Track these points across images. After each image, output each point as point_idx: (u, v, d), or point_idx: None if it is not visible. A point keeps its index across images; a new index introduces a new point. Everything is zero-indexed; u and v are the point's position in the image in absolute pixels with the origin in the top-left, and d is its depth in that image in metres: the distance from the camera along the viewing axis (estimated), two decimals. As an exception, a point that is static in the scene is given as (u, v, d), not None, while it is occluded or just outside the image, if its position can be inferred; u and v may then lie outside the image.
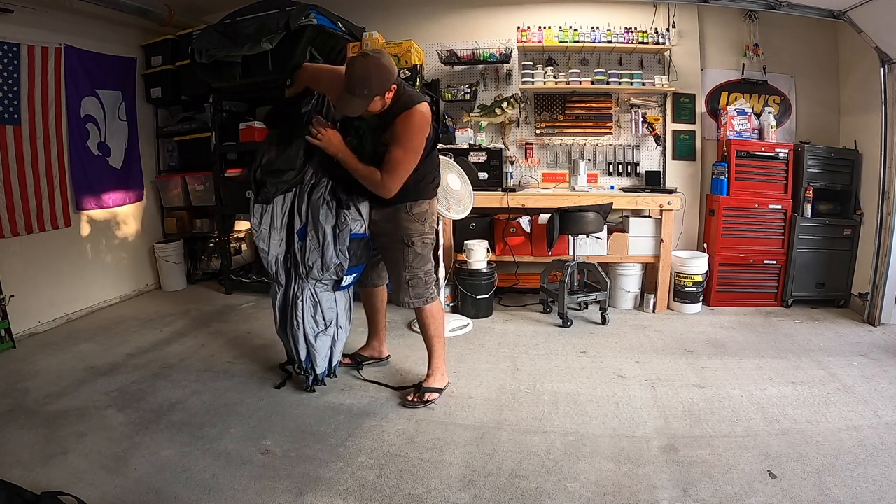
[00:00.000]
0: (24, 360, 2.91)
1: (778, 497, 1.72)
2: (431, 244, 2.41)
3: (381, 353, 2.82)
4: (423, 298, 2.40)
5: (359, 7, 4.11)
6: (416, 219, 2.33)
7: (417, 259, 2.36)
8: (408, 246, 2.34)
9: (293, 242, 2.37)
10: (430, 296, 2.41)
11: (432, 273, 2.44)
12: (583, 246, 3.64)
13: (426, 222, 2.37)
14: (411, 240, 2.33)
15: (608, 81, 3.99)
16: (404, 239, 2.34)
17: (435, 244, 2.49)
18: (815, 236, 3.75)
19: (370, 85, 2.03)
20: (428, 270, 2.40)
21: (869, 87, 3.54)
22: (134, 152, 4.17)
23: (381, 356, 2.82)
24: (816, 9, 3.43)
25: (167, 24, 4.00)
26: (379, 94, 2.08)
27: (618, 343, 3.16)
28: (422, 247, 2.36)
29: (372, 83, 2.03)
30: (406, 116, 2.13)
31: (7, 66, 3.14)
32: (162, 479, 1.84)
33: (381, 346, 2.82)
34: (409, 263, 2.36)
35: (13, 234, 3.23)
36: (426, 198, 2.36)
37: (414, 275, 2.37)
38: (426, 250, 2.38)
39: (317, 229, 2.32)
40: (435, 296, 2.44)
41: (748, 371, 2.72)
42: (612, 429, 2.17)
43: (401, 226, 2.33)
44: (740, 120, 3.88)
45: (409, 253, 2.35)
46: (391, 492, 1.77)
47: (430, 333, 2.46)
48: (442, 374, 2.49)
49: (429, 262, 2.40)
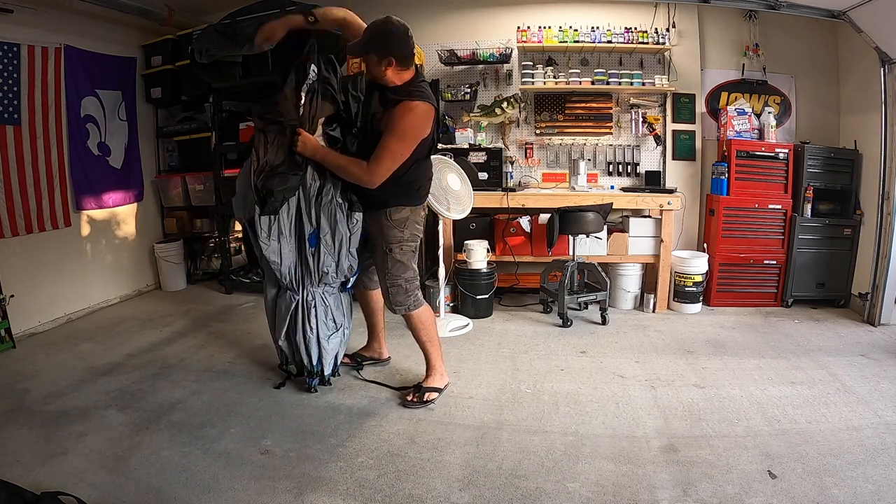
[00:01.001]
0: (24, 360, 2.91)
1: (778, 497, 1.72)
2: (413, 252, 2.36)
3: (381, 355, 2.82)
4: (405, 306, 2.36)
5: (359, 7, 4.08)
6: (395, 225, 2.30)
7: (396, 266, 2.33)
8: (387, 253, 2.32)
9: (304, 249, 2.34)
10: (411, 303, 2.36)
11: (415, 280, 2.38)
12: (583, 246, 3.64)
13: (405, 229, 2.32)
14: (390, 246, 2.31)
15: (608, 81, 3.99)
16: (384, 245, 2.33)
17: (417, 252, 2.41)
18: (815, 236, 3.75)
19: (369, 39, 2.12)
20: (409, 278, 2.35)
21: (869, 87, 3.54)
22: (134, 152, 4.17)
23: (382, 357, 2.82)
24: (816, 9, 3.43)
25: (167, 24, 3.99)
26: (375, 54, 2.12)
27: (618, 343, 3.16)
28: (400, 254, 2.32)
29: (371, 38, 2.12)
30: (407, 106, 2.12)
31: (7, 66, 3.14)
32: (162, 479, 1.84)
33: (381, 347, 2.82)
34: (388, 270, 2.34)
35: (13, 234, 3.23)
36: (408, 204, 2.32)
37: (393, 282, 2.34)
38: (406, 258, 2.34)
39: (333, 234, 2.32)
40: (419, 303, 2.38)
41: (748, 371, 2.72)
42: (612, 429, 2.17)
43: (382, 232, 2.32)
44: (740, 120, 3.88)
45: (388, 260, 2.33)
46: (391, 492, 1.77)
47: (420, 338, 2.44)
48: (441, 374, 2.49)
49: (409, 270, 2.36)
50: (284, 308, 2.42)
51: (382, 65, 2.13)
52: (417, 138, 2.17)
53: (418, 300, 2.39)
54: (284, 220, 2.31)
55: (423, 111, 2.14)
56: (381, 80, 2.19)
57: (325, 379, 2.50)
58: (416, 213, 2.36)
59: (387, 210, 2.29)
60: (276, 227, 2.30)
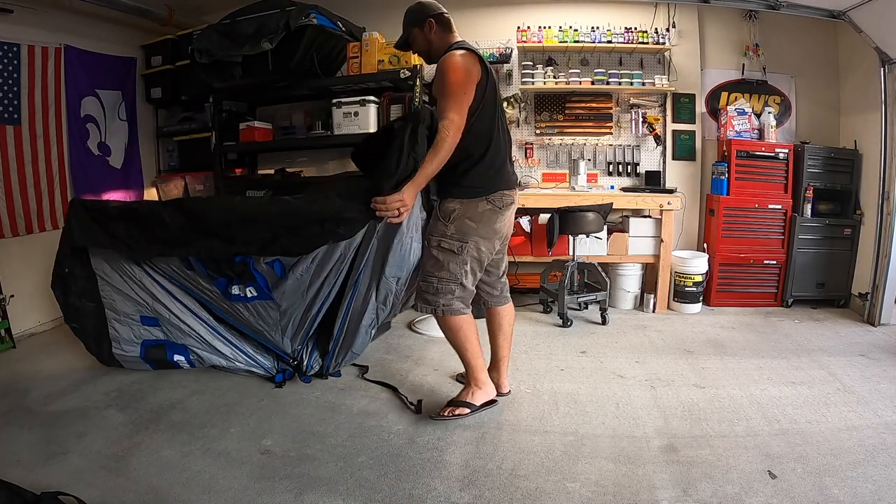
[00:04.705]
0: (24, 360, 2.91)
1: (778, 497, 1.71)
2: (454, 252, 2.09)
3: (499, 387, 2.39)
4: (431, 306, 2.15)
5: (359, 7, 4.10)
6: (441, 216, 2.11)
7: (431, 262, 2.14)
8: (427, 245, 2.18)
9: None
10: (440, 305, 2.12)
11: (450, 283, 2.11)
12: (583, 246, 3.64)
13: (450, 224, 2.09)
14: (430, 238, 2.15)
15: (608, 81, 3.99)
16: (427, 237, 2.20)
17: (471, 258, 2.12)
18: (815, 236, 3.75)
19: (406, 21, 2.19)
20: (443, 278, 2.11)
21: (869, 87, 3.54)
22: (134, 152, 4.17)
23: (500, 391, 2.40)
24: (816, 9, 3.43)
25: (167, 24, 3.99)
26: (416, 27, 2.16)
27: (618, 343, 3.16)
28: (438, 250, 2.11)
29: (407, 19, 2.18)
30: (441, 60, 2.03)
31: (7, 66, 3.14)
32: (162, 479, 1.84)
33: (500, 378, 2.41)
34: (424, 263, 2.21)
35: (13, 235, 3.23)
36: (458, 197, 2.09)
37: (425, 278, 2.16)
38: (445, 256, 2.09)
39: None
40: (453, 309, 2.14)
41: (748, 371, 2.72)
42: (612, 429, 2.17)
43: (432, 222, 2.18)
44: (740, 120, 3.88)
45: (425, 253, 2.20)
46: (391, 492, 1.77)
47: (454, 346, 2.23)
48: (477, 389, 2.23)
49: (444, 270, 2.11)
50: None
51: (425, 32, 2.15)
52: (464, 85, 1.97)
53: (451, 304, 2.13)
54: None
55: (460, 55, 2.00)
56: (434, 54, 2.15)
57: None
58: (469, 208, 2.09)
59: (440, 200, 2.16)
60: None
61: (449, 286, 2.12)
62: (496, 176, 2.11)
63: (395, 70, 3.30)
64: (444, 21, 2.16)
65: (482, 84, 2.02)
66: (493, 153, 2.10)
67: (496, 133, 2.12)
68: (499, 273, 2.37)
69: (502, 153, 2.16)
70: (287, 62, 3.29)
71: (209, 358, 2.61)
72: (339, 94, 3.54)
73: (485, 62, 2.06)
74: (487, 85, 2.05)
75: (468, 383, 2.27)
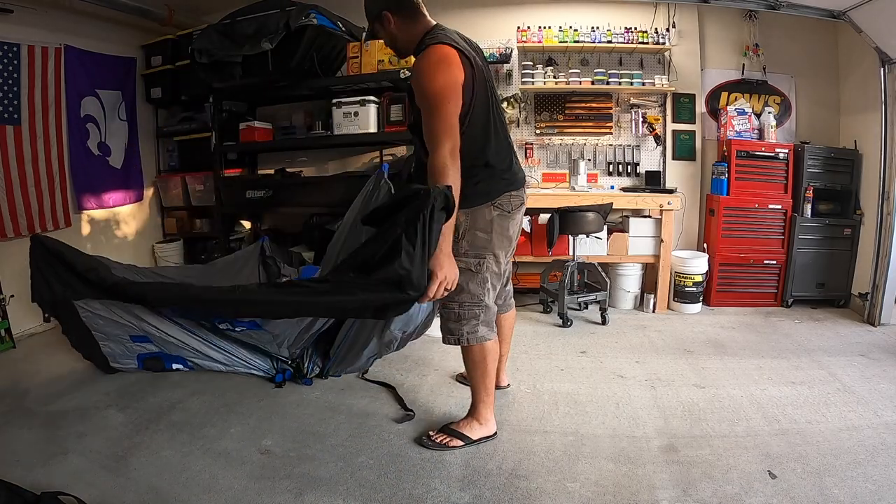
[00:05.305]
0: (24, 360, 2.92)
1: (778, 497, 1.71)
2: (472, 270, 1.86)
3: (498, 381, 2.31)
4: (455, 336, 1.92)
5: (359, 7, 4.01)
6: (454, 231, 1.78)
7: None
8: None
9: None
10: (465, 334, 1.90)
11: (473, 307, 1.89)
12: (583, 246, 3.64)
13: (462, 241, 1.84)
14: None
15: (608, 81, 3.99)
16: None
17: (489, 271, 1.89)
18: (815, 236, 3.75)
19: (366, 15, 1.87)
20: (464, 302, 1.88)
21: (869, 87, 3.54)
22: (134, 152, 4.17)
23: (499, 385, 2.36)
24: (816, 9, 3.43)
25: (167, 24, 3.99)
26: (375, 22, 1.84)
27: (618, 343, 3.16)
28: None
29: (365, 13, 1.86)
30: (416, 63, 1.71)
31: (7, 66, 3.14)
32: (162, 479, 1.84)
33: (500, 373, 2.36)
34: None
35: (14, 234, 3.23)
36: (461, 207, 1.74)
37: (445, 303, 1.91)
38: (462, 276, 1.78)
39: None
40: (478, 336, 1.91)
41: (748, 371, 2.72)
42: (612, 429, 2.17)
43: None
44: (740, 120, 3.88)
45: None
46: (391, 492, 1.77)
47: (472, 377, 2.02)
48: (480, 425, 2.04)
49: (465, 292, 1.86)
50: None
51: (385, 26, 1.81)
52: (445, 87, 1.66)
53: (476, 331, 1.91)
54: None
55: (436, 57, 1.68)
56: (403, 48, 1.87)
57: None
58: (476, 218, 1.85)
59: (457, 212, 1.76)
60: None
61: (473, 310, 1.90)
62: (500, 176, 1.87)
63: (396, 70, 3.30)
64: (404, 10, 1.80)
65: (468, 82, 1.72)
66: (493, 152, 1.85)
67: (493, 129, 1.85)
68: (504, 282, 2.17)
69: (504, 150, 1.90)
70: (287, 62, 3.29)
71: (206, 365, 2.63)
72: (339, 94, 3.54)
73: (467, 53, 1.75)
74: (475, 81, 1.75)
75: (470, 414, 2.08)
